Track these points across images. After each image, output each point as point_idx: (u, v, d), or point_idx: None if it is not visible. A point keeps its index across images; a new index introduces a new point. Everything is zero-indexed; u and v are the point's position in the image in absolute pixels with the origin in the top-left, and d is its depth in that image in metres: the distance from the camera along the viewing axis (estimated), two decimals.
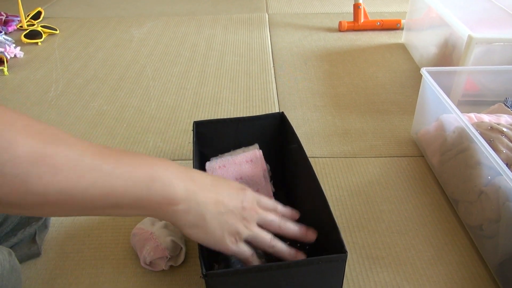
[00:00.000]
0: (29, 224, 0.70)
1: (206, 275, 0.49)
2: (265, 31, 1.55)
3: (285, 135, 0.76)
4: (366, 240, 0.72)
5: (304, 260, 0.50)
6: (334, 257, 0.51)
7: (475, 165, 0.70)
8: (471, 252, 0.70)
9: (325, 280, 0.53)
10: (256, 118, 0.77)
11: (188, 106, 1.10)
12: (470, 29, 0.96)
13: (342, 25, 1.53)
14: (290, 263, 0.51)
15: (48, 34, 1.54)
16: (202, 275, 0.49)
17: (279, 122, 0.78)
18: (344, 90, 1.17)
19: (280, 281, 0.52)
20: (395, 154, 0.92)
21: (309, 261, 0.50)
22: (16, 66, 1.32)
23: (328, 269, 0.52)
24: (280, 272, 0.51)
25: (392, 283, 0.65)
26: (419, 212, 0.77)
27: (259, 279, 0.51)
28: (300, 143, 0.68)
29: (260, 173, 0.73)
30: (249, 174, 0.73)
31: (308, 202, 0.67)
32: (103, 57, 1.37)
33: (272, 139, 0.79)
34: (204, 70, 1.28)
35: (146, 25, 1.62)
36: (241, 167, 0.73)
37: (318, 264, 0.50)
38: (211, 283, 0.51)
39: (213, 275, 0.49)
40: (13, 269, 0.56)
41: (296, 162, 0.71)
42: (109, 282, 0.66)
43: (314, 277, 0.52)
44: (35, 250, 0.69)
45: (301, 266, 0.51)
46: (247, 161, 0.73)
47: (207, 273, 0.49)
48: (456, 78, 0.96)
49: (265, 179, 0.74)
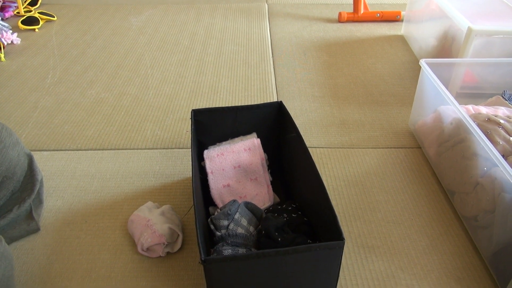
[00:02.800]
0: (22, 199, 0.69)
1: (205, 261, 0.49)
2: (265, 20, 1.54)
3: (284, 124, 0.76)
4: (362, 230, 0.73)
5: (302, 247, 0.51)
6: (332, 244, 0.51)
7: (471, 156, 0.70)
8: (465, 242, 0.70)
9: (323, 267, 0.53)
10: (254, 107, 0.77)
11: (186, 95, 1.10)
12: (470, 21, 0.96)
13: (342, 16, 1.52)
14: (289, 249, 0.51)
15: (46, 21, 1.52)
16: (200, 261, 0.49)
17: (277, 111, 0.78)
18: (343, 81, 1.16)
19: (278, 268, 0.52)
20: (392, 145, 0.92)
21: (307, 247, 0.51)
22: (13, 52, 1.31)
23: (326, 255, 0.52)
24: (279, 259, 0.51)
25: (387, 271, 0.66)
26: (415, 202, 0.78)
27: (257, 265, 0.51)
28: (298, 132, 0.68)
29: (258, 161, 0.73)
30: (247, 162, 0.73)
31: (307, 191, 0.67)
32: (101, 45, 1.36)
33: (270, 128, 0.79)
34: (203, 59, 1.27)
35: (144, 13, 1.60)
36: (239, 155, 0.73)
37: (316, 251, 0.51)
38: (210, 269, 0.51)
39: (212, 261, 0.50)
40: (3, 256, 0.56)
41: (295, 151, 0.71)
42: (106, 267, 0.66)
43: (313, 264, 0.52)
44: (33, 226, 0.70)
45: (300, 252, 0.51)
46: (245, 149, 0.73)
47: (206, 259, 0.49)
48: (455, 70, 0.96)
49: (263, 168, 0.74)
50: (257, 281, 0.53)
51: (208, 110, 0.76)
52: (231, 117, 0.77)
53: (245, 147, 0.73)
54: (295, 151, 0.71)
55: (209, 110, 0.76)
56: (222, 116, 0.76)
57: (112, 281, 0.64)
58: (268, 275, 0.52)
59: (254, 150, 0.72)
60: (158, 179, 0.82)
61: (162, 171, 0.71)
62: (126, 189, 0.81)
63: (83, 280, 0.64)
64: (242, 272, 0.52)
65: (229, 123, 0.77)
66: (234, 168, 0.73)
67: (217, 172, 0.72)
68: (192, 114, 0.75)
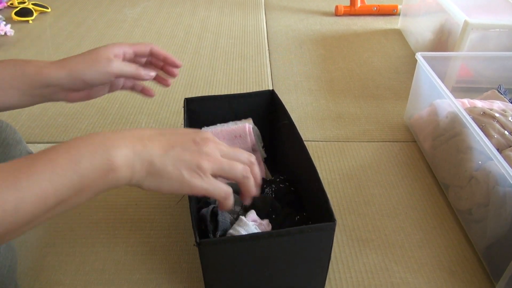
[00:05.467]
0: None
1: (200, 243, 0.49)
2: (261, 13, 1.53)
3: (276, 112, 0.77)
4: (356, 223, 0.73)
5: (295, 229, 0.51)
6: (324, 226, 0.52)
7: (466, 150, 0.70)
8: (459, 236, 0.71)
9: (315, 248, 0.54)
10: (247, 95, 0.78)
11: (181, 88, 1.09)
12: (467, 15, 0.95)
13: (339, 9, 1.51)
14: (282, 231, 0.52)
15: (39, 12, 1.51)
16: (195, 243, 0.49)
17: (269, 100, 0.78)
18: (339, 74, 1.16)
19: (271, 249, 0.53)
20: (387, 139, 0.92)
21: (300, 229, 0.51)
22: (6, 44, 1.30)
23: (318, 237, 0.53)
24: (272, 240, 0.52)
25: (381, 264, 0.66)
26: (409, 196, 0.78)
27: (250, 247, 0.52)
28: (291, 119, 0.69)
29: (249, 147, 0.74)
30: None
31: (299, 175, 0.68)
32: (96, 37, 1.35)
33: (263, 116, 0.80)
34: (198, 51, 1.26)
35: (139, 5, 1.59)
36: (230, 142, 0.73)
37: (309, 233, 0.52)
38: (204, 251, 0.52)
39: (206, 243, 0.50)
40: (8, 247, 0.56)
41: (287, 137, 0.72)
42: (100, 260, 0.66)
43: (305, 245, 0.53)
44: None
45: (293, 234, 0.52)
46: (236, 136, 0.74)
47: (201, 241, 0.49)
48: (451, 63, 0.96)
49: (254, 151, 0.75)
50: (251, 261, 0.54)
51: (201, 98, 0.77)
52: (225, 105, 0.77)
53: (236, 134, 0.73)
54: (288, 137, 0.72)
55: (202, 99, 0.77)
56: (215, 104, 0.77)
57: (105, 274, 0.64)
58: (261, 256, 0.53)
59: (244, 137, 0.73)
60: None
61: None
62: None
63: (76, 273, 0.64)
64: (235, 254, 0.53)
65: (223, 112, 0.78)
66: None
67: None
68: (184, 102, 0.75)
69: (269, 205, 0.65)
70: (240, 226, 0.57)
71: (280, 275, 0.56)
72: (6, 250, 0.55)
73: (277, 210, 0.65)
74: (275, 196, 0.68)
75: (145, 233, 0.70)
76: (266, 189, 0.69)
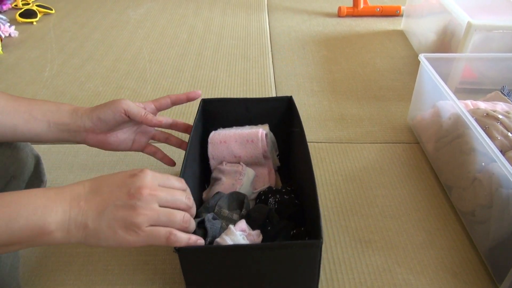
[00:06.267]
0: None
1: (179, 250, 0.49)
2: (264, 14, 1.54)
3: (291, 118, 0.76)
4: (359, 224, 0.73)
5: (277, 244, 0.50)
6: (308, 243, 0.50)
7: (469, 151, 0.70)
8: (462, 237, 0.71)
9: (300, 266, 0.52)
10: (265, 100, 0.78)
11: (184, 89, 1.09)
12: (470, 16, 0.95)
13: (342, 11, 1.51)
14: (264, 245, 0.51)
15: (43, 14, 1.51)
16: (174, 250, 0.49)
17: (287, 106, 0.77)
18: (342, 75, 1.16)
19: (252, 262, 0.51)
20: (390, 140, 0.92)
21: (282, 245, 0.50)
22: (10, 45, 1.30)
23: (303, 254, 0.51)
24: (252, 253, 0.50)
25: (384, 266, 0.66)
26: (412, 197, 0.78)
27: (230, 257, 0.51)
28: (302, 128, 0.68)
29: (260, 154, 0.73)
30: (248, 153, 0.73)
31: (303, 187, 0.67)
32: (99, 38, 1.35)
33: (280, 123, 0.79)
34: (201, 52, 1.27)
35: (143, 6, 1.59)
36: (241, 146, 0.73)
37: (293, 249, 0.49)
38: (184, 258, 0.51)
39: (186, 250, 0.49)
40: None
41: (298, 146, 0.71)
42: (103, 261, 0.66)
43: (289, 262, 0.51)
44: None
45: (275, 249, 0.50)
46: (248, 141, 0.73)
47: (180, 248, 0.48)
48: (454, 65, 0.96)
49: (266, 158, 0.74)
50: (232, 272, 0.53)
51: (218, 100, 0.76)
52: (242, 109, 0.77)
53: (248, 138, 0.73)
54: (298, 147, 0.71)
55: (219, 100, 0.76)
56: (232, 107, 0.76)
57: (109, 275, 0.64)
58: (242, 267, 0.52)
59: (256, 143, 0.72)
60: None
61: (160, 164, 0.71)
62: None
63: (80, 273, 0.64)
64: (215, 263, 0.52)
65: (240, 115, 0.77)
66: (234, 157, 0.73)
67: (218, 159, 0.74)
68: (200, 103, 0.74)
69: (265, 215, 0.63)
70: (227, 235, 0.55)
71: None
72: None
73: (273, 221, 0.63)
74: (277, 207, 0.66)
75: None
76: (270, 199, 0.67)
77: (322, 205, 0.76)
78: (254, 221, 0.61)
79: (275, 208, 0.66)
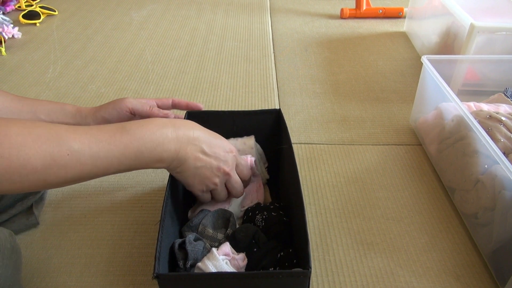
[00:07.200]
0: (26, 197, 0.70)
1: (158, 276, 0.47)
2: (266, 16, 1.54)
3: (280, 134, 0.73)
4: (361, 226, 0.72)
5: (262, 273, 0.47)
6: (296, 273, 0.47)
7: (472, 153, 0.70)
8: (465, 240, 0.70)
9: None
10: (253, 112, 0.73)
11: (187, 91, 1.09)
12: (473, 18, 0.95)
13: (344, 12, 1.51)
14: (248, 274, 0.48)
15: (47, 15, 1.52)
16: (153, 276, 0.47)
17: (276, 119, 0.74)
18: (344, 77, 1.16)
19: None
20: (393, 142, 0.92)
21: (268, 274, 0.47)
22: (14, 46, 1.31)
23: (290, 284, 0.48)
24: (236, 281, 0.48)
25: (386, 268, 0.65)
26: (415, 199, 0.78)
27: (213, 286, 0.49)
28: (290, 144, 0.64)
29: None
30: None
31: (291, 206, 0.63)
32: (102, 40, 1.36)
33: (269, 135, 0.75)
34: (204, 54, 1.27)
35: (146, 8, 1.60)
36: None
37: (279, 278, 0.47)
38: (163, 286, 0.49)
39: (165, 277, 0.47)
40: (14, 250, 0.56)
41: (287, 162, 0.67)
42: (105, 262, 0.66)
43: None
44: (33, 220, 0.70)
45: (259, 278, 0.48)
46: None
47: (158, 275, 0.47)
48: (457, 67, 0.96)
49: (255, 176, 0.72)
50: None
51: (204, 112, 0.73)
52: (229, 122, 0.73)
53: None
54: (287, 163, 0.67)
55: (205, 113, 0.73)
56: (218, 120, 0.73)
57: (110, 276, 0.64)
58: None
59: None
60: (159, 174, 0.82)
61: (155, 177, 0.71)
62: (126, 183, 0.80)
63: (82, 275, 0.64)
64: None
65: (226, 128, 0.73)
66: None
67: None
68: (185, 117, 0.71)
69: (251, 236, 0.59)
70: (209, 259, 0.53)
71: None
72: (10, 251, 0.55)
73: (259, 243, 0.59)
74: (264, 225, 0.62)
75: (150, 235, 0.70)
76: (257, 216, 0.63)
77: (324, 206, 0.76)
78: (239, 242, 0.58)
79: (262, 225, 0.62)
